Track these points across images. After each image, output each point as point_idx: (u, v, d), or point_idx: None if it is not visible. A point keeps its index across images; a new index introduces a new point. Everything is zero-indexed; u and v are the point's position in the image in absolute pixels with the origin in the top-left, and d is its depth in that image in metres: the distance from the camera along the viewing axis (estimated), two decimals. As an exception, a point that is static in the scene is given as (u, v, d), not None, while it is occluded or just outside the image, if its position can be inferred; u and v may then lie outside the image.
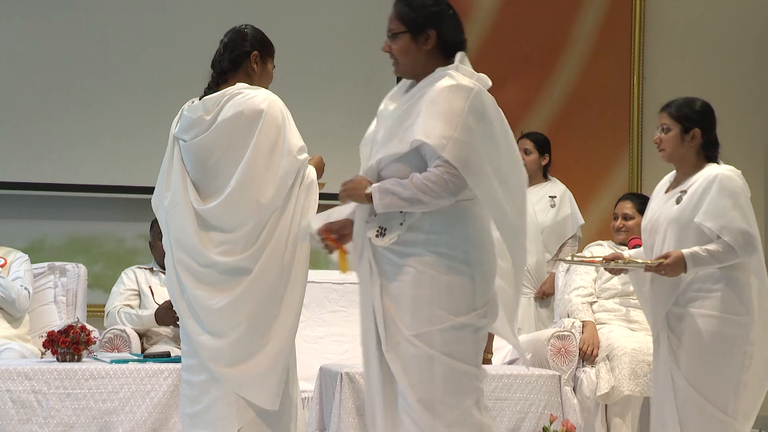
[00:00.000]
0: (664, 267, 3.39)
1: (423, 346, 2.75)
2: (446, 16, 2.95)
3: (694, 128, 3.55)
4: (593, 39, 6.37)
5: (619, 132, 6.36)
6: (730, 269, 3.43)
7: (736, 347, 3.41)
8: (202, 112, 3.26)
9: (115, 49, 5.76)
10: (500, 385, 3.94)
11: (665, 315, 3.48)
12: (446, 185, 2.75)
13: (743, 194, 3.47)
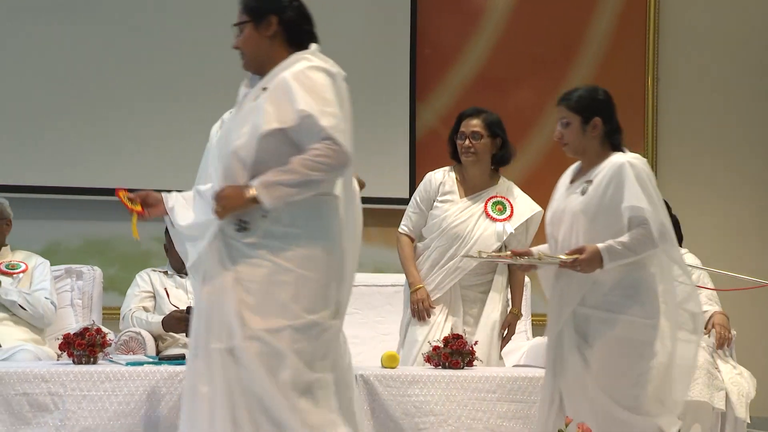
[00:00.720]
0: (579, 262, 3.24)
1: (273, 342, 2.70)
2: (289, 3, 2.94)
3: (595, 117, 3.42)
4: (607, 40, 6.35)
5: (634, 134, 6.34)
6: (636, 270, 3.30)
7: (644, 350, 3.31)
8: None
9: (132, 55, 5.79)
10: (515, 387, 3.92)
11: (571, 314, 3.34)
12: (337, 157, 2.71)
13: (651, 182, 3.34)
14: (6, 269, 4.62)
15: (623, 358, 3.28)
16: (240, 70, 4.79)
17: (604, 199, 3.30)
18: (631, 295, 3.30)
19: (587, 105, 3.43)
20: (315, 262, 2.74)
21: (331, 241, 2.78)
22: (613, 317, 3.27)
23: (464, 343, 4.04)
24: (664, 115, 6.38)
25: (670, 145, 6.38)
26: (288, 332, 2.73)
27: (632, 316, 3.28)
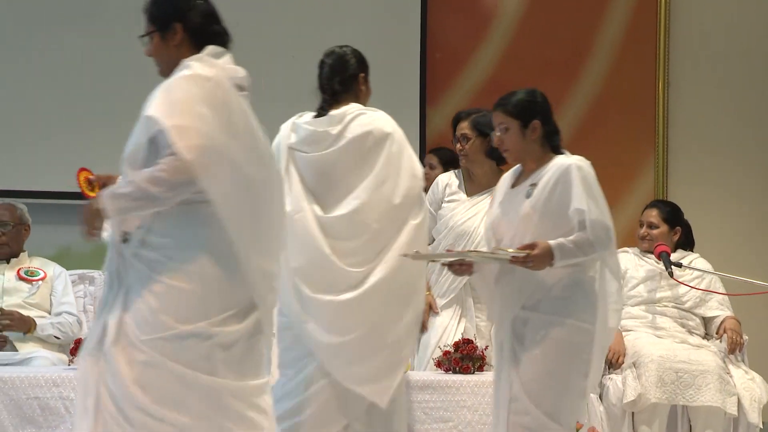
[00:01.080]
0: (531, 258, 3.15)
1: (150, 353, 2.66)
2: (192, 7, 2.89)
3: (533, 120, 3.36)
4: (618, 45, 6.34)
5: (645, 139, 6.33)
6: (579, 272, 3.24)
7: (579, 355, 3.21)
8: (328, 126, 3.42)
9: (148, 62, 5.79)
10: (526, 392, 3.92)
11: (512, 319, 3.26)
12: (177, 173, 2.63)
13: (595, 184, 3.29)
14: (25, 275, 4.61)
15: (555, 362, 3.20)
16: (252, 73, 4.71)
17: (550, 201, 3.24)
18: (567, 297, 3.23)
19: (525, 108, 3.38)
20: (186, 273, 2.69)
21: (203, 249, 2.70)
22: (553, 319, 3.20)
23: (474, 347, 4.04)
24: (675, 120, 6.37)
25: (682, 149, 6.36)
26: (159, 343, 2.68)
27: (566, 317, 3.20)
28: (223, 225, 2.69)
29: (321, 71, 3.58)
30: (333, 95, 3.51)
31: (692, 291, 4.82)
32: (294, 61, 5.88)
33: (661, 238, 4.88)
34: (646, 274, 4.90)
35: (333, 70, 3.54)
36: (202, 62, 2.79)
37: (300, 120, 3.53)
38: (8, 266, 4.63)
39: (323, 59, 3.60)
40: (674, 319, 4.80)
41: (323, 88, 3.54)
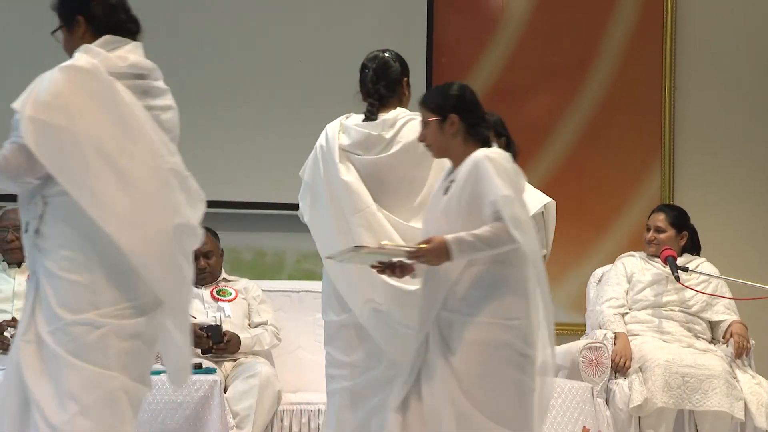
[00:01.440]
0: (424, 252, 3.06)
1: (52, 345, 2.65)
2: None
3: (450, 114, 3.25)
4: (624, 49, 6.34)
5: (651, 142, 6.32)
6: (498, 267, 3.11)
7: (509, 352, 3.06)
8: (381, 131, 3.50)
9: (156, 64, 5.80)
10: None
11: (435, 319, 3.15)
12: (8, 164, 2.62)
13: (512, 176, 3.17)
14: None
15: (484, 362, 3.08)
16: (259, 77, 4.80)
17: (463, 196, 3.15)
18: (489, 295, 3.10)
19: (442, 103, 3.28)
20: (75, 263, 2.67)
21: (82, 240, 2.67)
22: (470, 320, 3.09)
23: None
24: (682, 123, 6.36)
25: (688, 153, 6.35)
26: (57, 335, 2.68)
27: (490, 317, 3.08)
28: (90, 215, 2.65)
29: (364, 76, 3.62)
30: (380, 99, 3.56)
31: (699, 295, 4.81)
32: (301, 66, 5.89)
33: (668, 243, 4.87)
34: (652, 278, 4.89)
35: (378, 75, 3.59)
36: (88, 53, 2.74)
37: (349, 122, 3.57)
38: (19, 271, 4.64)
39: (366, 64, 3.63)
40: (680, 324, 4.80)
41: (369, 92, 3.58)
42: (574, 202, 6.21)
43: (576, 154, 6.27)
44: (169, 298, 2.74)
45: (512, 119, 6.17)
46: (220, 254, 4.83)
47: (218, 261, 4.80)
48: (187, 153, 5.96)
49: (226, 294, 4.73)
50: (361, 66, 3.65)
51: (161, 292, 2.72)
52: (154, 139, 2.76)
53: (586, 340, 4.58)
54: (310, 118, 5.72)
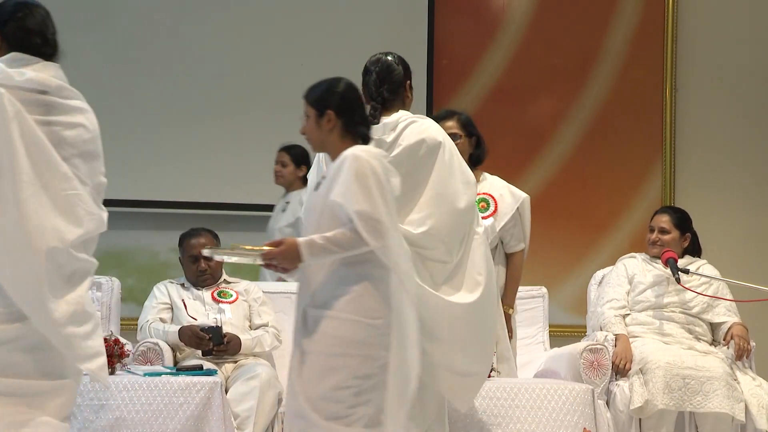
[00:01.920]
0: (274, 255, 3.06)
1: None
2: (8, 17, 2.95)
3: (327, 110, 3.23)
4: (625, 50, 6.35)
5: (652, 144, 6.34)
6: (368, 266, 3.10)
7: (370, 353, 3.07)
8: (383, 134, 3.52)
9: (160, 69, 5.84)
10: (533, 397, 3.93)
11: (303, 315, 3.16)
12: None
13: (372, 175, 3.09)
14: None
15: (330, 358, 3.08)
16: (261, 82, 4.81)
17: (328, 194, 3.13)
18: (354, 293, 3.09)
19: (320, 98, 3.26)
20: None
21: None
22: (334, 315, 3.09)
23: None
24: (683, 124, 6.37)
25: (689, 154, 6.37)
26: None
27: (352, 314, 3.08)
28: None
29: (368, 79, 3.64)
30: (383, 103, 3.59)
31: (699, 297, 4.81)
32: (302, 69, 5.91)
33: (671, 244, 4.88)
34: (653, 279, 4.89)
35: (381, 78, 3.61)
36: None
37: None
38: None
39: (369, 67, 3.65)
40: (681, 325, 4.80)
41: (372, 96, 3.60)
42: (575, 203, 6.23)
43: (577, 156, 6.28)
44: (31, 314, 2.79)
45: (514, 121, 6.23)
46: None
47: (219, 263, 4.81)
48: (189, 157, 6.03)
49: (227, 296, 4.74)
50: (363, 69, 3.67)
51: (22, 307, 2.78)
52: (37, 158, 2.82)
53: (586, 342, 4.58)
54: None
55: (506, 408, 3.91)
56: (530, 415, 3.92)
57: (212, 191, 5.81)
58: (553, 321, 5.41)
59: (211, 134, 5.81)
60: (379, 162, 3.15)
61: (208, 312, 4.63)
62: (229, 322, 4.59)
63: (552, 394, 4.02)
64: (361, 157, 3.12)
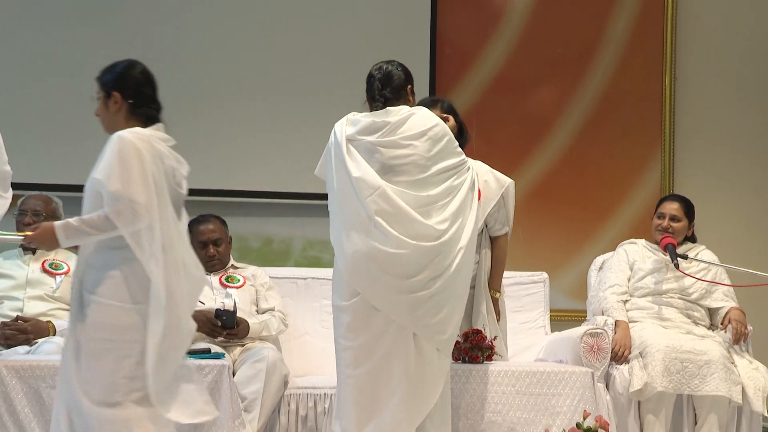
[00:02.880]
0: (31, 238, 3.16)
1: None
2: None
3: (113, 92, 3.28)
4: (625, 40, 6.38)
5: (651, 133, 6.36)
6: (130, 252, 3.11)
7: (135, 337, 3.09)
8: (386, 117, 3.77)
9: (174, 55, 5.86)
10: (533, 381, 3.97)
11: (78, 297, 3.17)
12: None
13: (135, 156, 3.12)
14: (49, 268, 4.64)
15: (98, 344, 3.12)
16: (266, 70, 4.81)
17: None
18: (108, 277, 3.13)
19: (108, 80, 3.31)
20: None
21: None
22: (98, 300, 3.13)
23: (483, 338, 4.09)
24: (682, 114, 6.40)
25: (688, 143, 6.39)
26: None
27: (106, 297, 3.11)
28: None
29: (371, 85, 3.89)
30: (385, 102, 3.84)
31: (698, 282, 4.85)
32: (306, 58, 5.95)
33: (681, 232, 4.92)
34: (653, 265, 4.93)
35: (383, 83, 3.86)
36: None
37: (355, 116, 3.83)
38: (33, 258, 4.68)
39: (372, 74, 3.90)
40: (680, 311, 4.84)
41: (375, 97, 3.86)
42: (576, 191, 6.26)
43: (578, 144, 6.31)
44: None
45: (515, 110, 6.26)
46: (228, 242, 4.90)
47: (227, 248, 4.87)
48: (197, 144, 6.07)
49: (235, 280, 4.80)
50: (367, 76, 3.91)
51: None
52: None
53: (586, 327, 4.63)
54: (315, 109, 5.81)
55: (507, 395, 3.95)
56: (531, 400, 3.95)
57: (218, 178, 5.85)
58: (553, 306, 5.45)
59: (217, 123, 5.85)
60: (148, 144, 3.16)
61: (216, 297, 4.69)
62: (236, 306, 4.65)
63: (552, 378, 4.06)
64: (125, 137, 3.16)
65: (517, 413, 3.92)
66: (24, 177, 5.61)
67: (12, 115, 5.68)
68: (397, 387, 3.57)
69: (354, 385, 3.65)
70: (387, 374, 3.58)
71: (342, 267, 3.71)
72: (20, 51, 5.74)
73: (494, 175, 4.47)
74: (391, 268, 3.59)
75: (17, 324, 4.37)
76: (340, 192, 3.72)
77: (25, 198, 4.80)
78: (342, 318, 3.70)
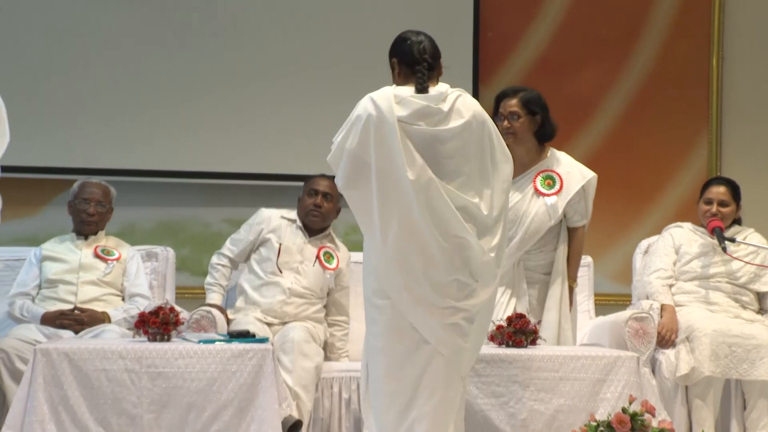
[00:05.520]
0: None
1: None
2: None
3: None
4: (671, 20, 6.31)
5: (698, 114, 6.30)
6: None
7: None
8: (438, 103, 3.55)
9: (207, 40, 5.90)
10: (578, 365, 3.95)
11: None
12: None
13: None
14: (101, 254, 4.79)
15: None
16: (305, 60, 4.79)
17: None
18: None
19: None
20: None
21: None
22: None
23: (527, 322, 4.07)
24: (729, 94, 6.33)
25: (735, 124, 6.32)
26: None
27: None
28: None
29: (408, 47, 3.66)
30: (429, 68, 3.61)
31: (746, 266, 4.80)
32: (350, 38, 5.96)
33: (729, 216, 4.88)
34: (699, 249, 4.89)
35: (425, 47, 3.64)
36: None
37: (402, 93, 3.57)
38: (86, 243, 4.81)
39: (409, 38, 3.68)
40: (728, 295, 4.80)
41: (417, 60, 3.62)
42: (621, 173, 6.22)
43: (624, 126, 6.27)
44: None
45: (560, 92, 6.21)
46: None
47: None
48: (240, 129, 6.05)
49: (330, 260, 4.85)
50: (398, 42, 3.70)
51: None
52: None
53: (632, 311, 4.60)
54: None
55: (550, 380, 3.93)
56: (575, 386, 3.92)
57: (263, 162, 5.88)
58: (598, 290, 5.43)
59: (263, 105, 5.87)
60: None
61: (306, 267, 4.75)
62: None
63: (597, 363, 4.02)
64: None
65: (560, 400, 3.89)
66: (74, 162, 5.73)
67: (57, 99, 5.76)
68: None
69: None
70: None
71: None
72: (72, 35, 5.81)
73: (578, 167, 4.44)
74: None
75: (74, 315, 4.50)
76: (377, 170, 3.49)
77: (84, 184, 4.88)
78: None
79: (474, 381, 3.85)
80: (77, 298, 4.62)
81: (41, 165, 5.76)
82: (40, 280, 4.71)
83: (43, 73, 5.79)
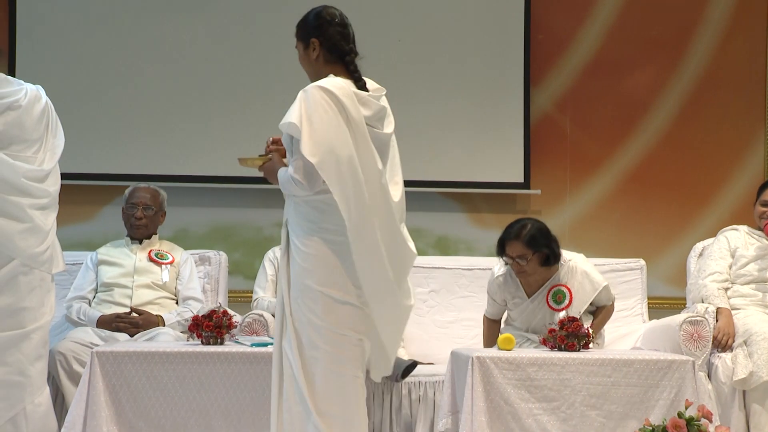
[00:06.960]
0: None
1: None
2: None
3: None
4: (727, 19, 6.23)
5: (754, 114, 6.22)
6: None
7: None
8: (380, 101, 3.27)
9: (249, 49, 5.95)
10: (631, 370, 3.91)
11: None
12: None
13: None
14: (155, 257, 4.87)
15: None
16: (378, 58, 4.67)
17: None
18: None
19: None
20: None
21: None
22: None
23: (580, 325, 4.05)
24: (787, 95, 6.24)
25: (793, 125, 6.23)
26: None
27: None
28: None
29: (346, 31, 3.29)
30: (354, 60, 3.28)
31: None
32: (399, 45, 5.96)
33: (784, 218, 4.82)
34: (756, 252, 4.83)
35: (353, 35, 3.31)
36: None
37: (352, 88, 3.21)
38: (140, 247, 4.91)
39: (333, 18, 3.29)
40: (786, 298, 4.74)
41: (348, 50, 3.27)
42: (674, 175, 6.16)
43: (676, 127, 6.21)
44: None
45: (612, 93, 6.17)
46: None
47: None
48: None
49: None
50: (322, 21, 3.29)
51: None
52: None
53: (686, 314, 4.55)
54: (404, 97, 5.83)
55: (602, 386, 3.89)
56: (627, 392, 3.89)
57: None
58: (651, 293, 5.38)
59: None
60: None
61: None
62: None
63: (651, 367, 3.99)
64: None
65: (612, 406, 3.86)
66: (128, 168, 5.82)
67: (116, 109, 5.86)
68: None
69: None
70: None
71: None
72: (128, 50, 5.90)
73: (589, 277, 4.50)
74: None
75: (130, 318, 4.58)
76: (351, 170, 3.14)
77: (134, 189, 4.97)
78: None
79: (525, 384, 3.83)
80: (132, 301, 4.70)
81: (98, 172, 5.86)
82: (96, 284, 4.79)
83: (101, 85, 5.90)
